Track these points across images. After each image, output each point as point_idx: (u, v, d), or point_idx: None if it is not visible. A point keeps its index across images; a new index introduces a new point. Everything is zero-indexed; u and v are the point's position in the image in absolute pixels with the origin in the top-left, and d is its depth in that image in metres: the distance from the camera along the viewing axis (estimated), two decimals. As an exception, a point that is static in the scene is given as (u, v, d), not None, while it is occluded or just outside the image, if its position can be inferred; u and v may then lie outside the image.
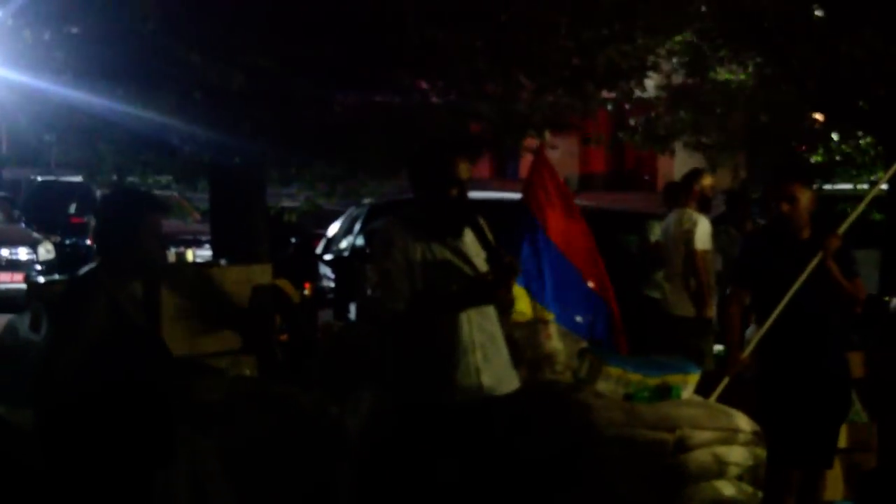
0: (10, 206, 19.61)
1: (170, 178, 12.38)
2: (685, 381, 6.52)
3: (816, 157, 15.71)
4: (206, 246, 16.61)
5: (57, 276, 13.09)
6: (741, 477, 6.24)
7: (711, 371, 7.06)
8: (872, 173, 14.96)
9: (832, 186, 15.08)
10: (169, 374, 4.24)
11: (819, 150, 15.65)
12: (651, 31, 10.03)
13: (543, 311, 7.48)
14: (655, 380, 6.42)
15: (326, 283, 14.68)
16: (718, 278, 8.80)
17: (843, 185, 15.36)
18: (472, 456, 4.81)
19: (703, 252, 8.58)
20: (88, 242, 18.87)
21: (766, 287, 6.05)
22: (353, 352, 6.51)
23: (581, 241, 7.86)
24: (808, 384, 5.85)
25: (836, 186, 15.22)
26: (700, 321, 8.57)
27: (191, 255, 18.05)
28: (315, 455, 5.83)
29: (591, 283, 7.76)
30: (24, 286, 12.30)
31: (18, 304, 12.41)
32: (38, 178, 23.92)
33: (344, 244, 14.85)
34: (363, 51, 8.73)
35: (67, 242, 19.45)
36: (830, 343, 5.95)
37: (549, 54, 9.26)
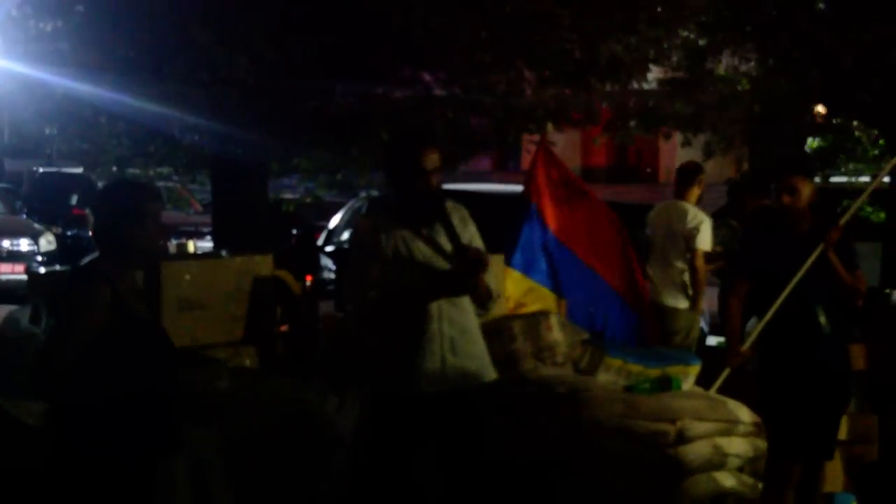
0: (11, 198, 19.62)
1: (171, 169, 12.39)
2: (686, 373, 6.53)
3: (822, 142, 15.68)
4: (208, 237, 16.61)
5: (58, 267, 13.07)
6: (742, 468, 6.26)
7: (712, 363, 7.07)
8: (879, 167, 14.93)
9: (837, 180, 15.05)
10: (172, 364, 4.24)
11: (828, 137, 15.60)
12: (653, 22, 10.03)
13: (549, 299, 7.45)
14: (656, 371, 6.43)
15: (327, 275, 14.71)
16: (718, 272, 8.87)
17: (840, 179, 15.33)
18: (444, 446, 4.83)
19: (704, 253, 8.69)
20: (90, 234, 18.84)
21: (767, 279, 6.05)
22: (354, 343, 6.50)
23: (596, 230, 7.83)
24: (808, 376, 5.84)
25: (839, 179, 15.19)
26: (686, 312, 8.67)
27: (192, 246, 17.97)
28: (315, 446, 5.84)
29: (603, 276, 7.74)
30: (25, 277, 12.28)
31: (20, 295, 12.44)
32: (40, 170, 23.94)
33: (345, 236, 14.88)
34: (366, 42, 8.73)
35: (69, 233, 19.45)
36: (831, 335, 5.94)
37: (551, 46, 9.27)
